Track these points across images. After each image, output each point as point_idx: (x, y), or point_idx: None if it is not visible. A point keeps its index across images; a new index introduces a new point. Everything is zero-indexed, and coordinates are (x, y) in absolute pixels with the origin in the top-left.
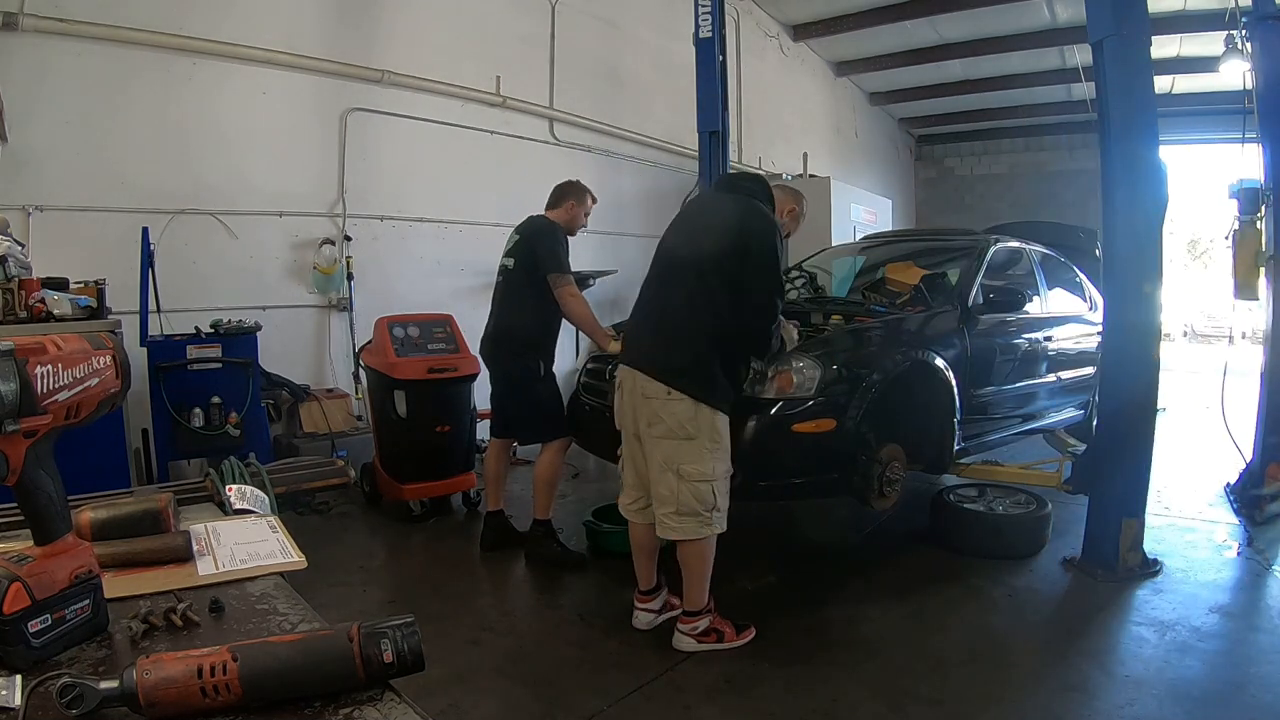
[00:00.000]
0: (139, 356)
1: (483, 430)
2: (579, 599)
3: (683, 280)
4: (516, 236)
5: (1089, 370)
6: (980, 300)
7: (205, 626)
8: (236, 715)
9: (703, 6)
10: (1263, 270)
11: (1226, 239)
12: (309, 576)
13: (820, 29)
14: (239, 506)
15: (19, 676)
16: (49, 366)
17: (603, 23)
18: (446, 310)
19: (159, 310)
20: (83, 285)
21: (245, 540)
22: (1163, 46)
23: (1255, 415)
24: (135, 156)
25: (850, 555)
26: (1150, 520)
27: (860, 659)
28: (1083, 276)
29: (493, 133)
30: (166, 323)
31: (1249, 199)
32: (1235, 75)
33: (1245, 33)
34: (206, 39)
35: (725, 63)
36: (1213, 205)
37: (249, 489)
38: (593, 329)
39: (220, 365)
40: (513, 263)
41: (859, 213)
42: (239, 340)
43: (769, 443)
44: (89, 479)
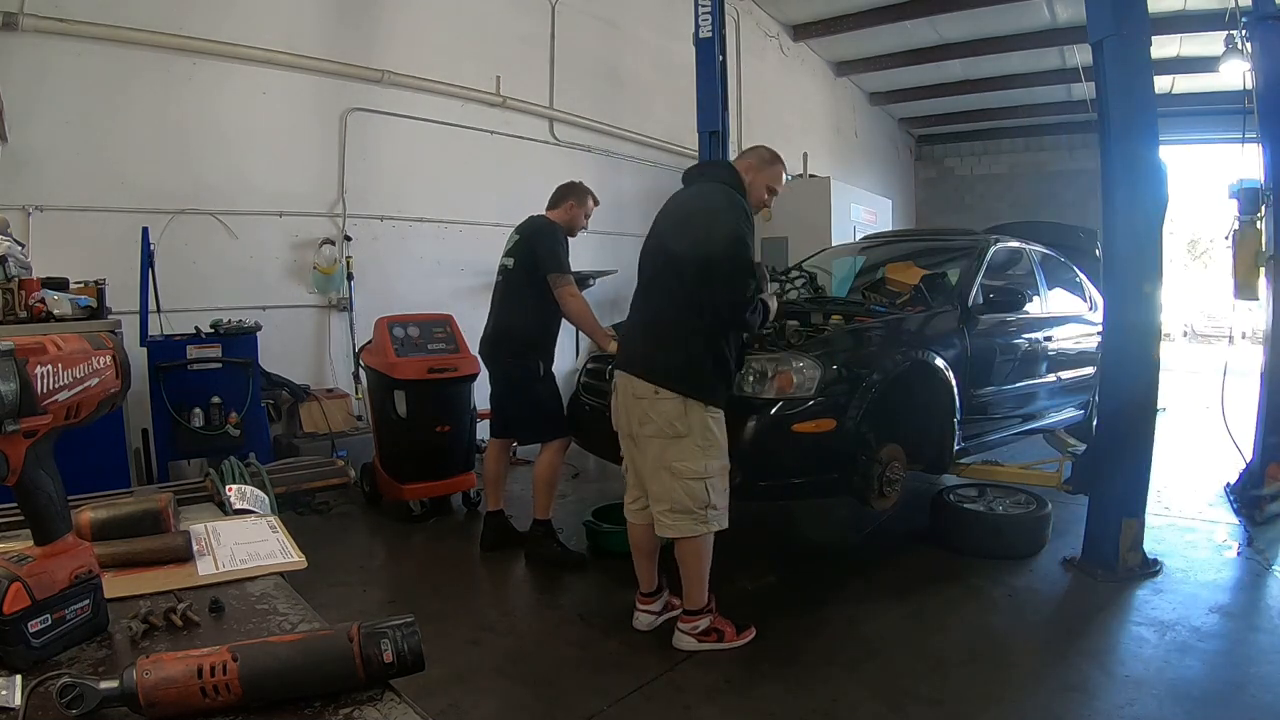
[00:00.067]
0: (139, 356)
1: (483, 430)
2: (579, 599)
3: (663, 281)
4: (516, 236)
5: (1089, 370)
6: (980, 300)
7: (205, 626)
8: (236, 715)
9: (703, 6)
10: (1263, 270)
11: (1226, 239)
12: (309, 576)
13: (820, 29)
14: (239, 506)
15: (19, 676)
16: (49, 366)
17: (603, 23)
18: (446, 310)
19: (159, 310)
20: (83, 285)
21: (245, 540)
22: (1163, 46)
23: (1255, 415)
24: (135, 156)
25: (850, 555)
26: (1150, 520)
27: (860, 659)
28: (1083, 276)
29: (493, 133)
30: (166, 323)
31: (1249, 199)
32: (1235, 75)
33: (1245, 33)
34: (206, 39)
35: (725, 63)
36: (1213, 205)
37: (249, 489)
38: (593, 329)
39: (220, 365)
40: (512, 262)
41: (859, 213)
42: (239, 340)
43: (769, 443)
44: (89, 479)
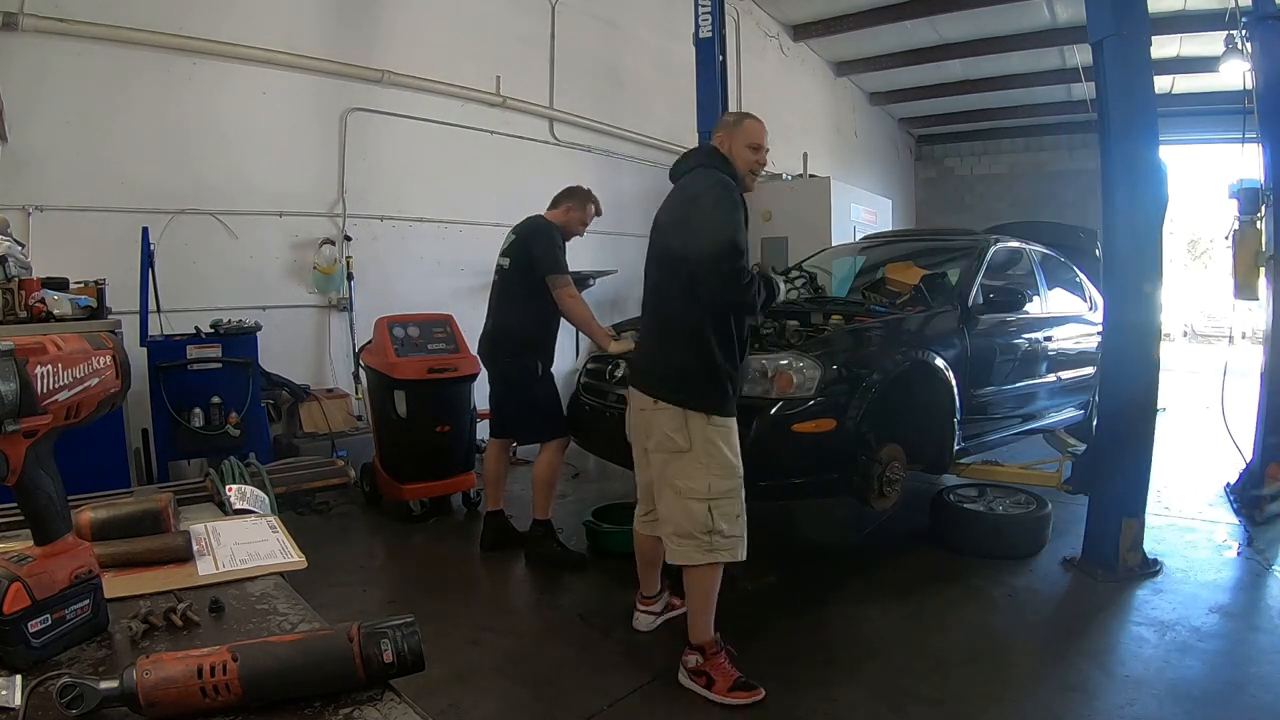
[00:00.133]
0: (139, 356)
1: (483, 430)
2: (579, 599)
3: (659, 283)
4: (512, 236)
5: (1089, 370)
6: (980, 300)
7: (205, 626)
8: (236, 715)
9: (703, 6)
10: (1263, 270)
11: (1226, 239)
12: (309, 576)
13: (820, 29)
14: (239, 506)
15: (19, 676)
16: (49, 366)
17: (603, 23)
18: (446, 310)
19: (159, 310)
20: (83, 285)
21: (245, 540)
22: (1163, 46)
23: (1255, 415)
24: (135, 156)
25: (850, 555)
26: (1150, 520)
27: (860, 659)
28: (1083, 276)
29: (493, 133)
30: (166, 323)
31: (1249, 199)
32: (1235, 75)
33: (1245, 33)
34: (206, 39)
35: (725, 63)
36: (1213, 205)
37: (249, 489)
38: (592, 329)
39: (220, 365)
40: (508, 263)
41: (859, 213)
42: (239, 340)
43: (769, 443)
44: (89, 479)
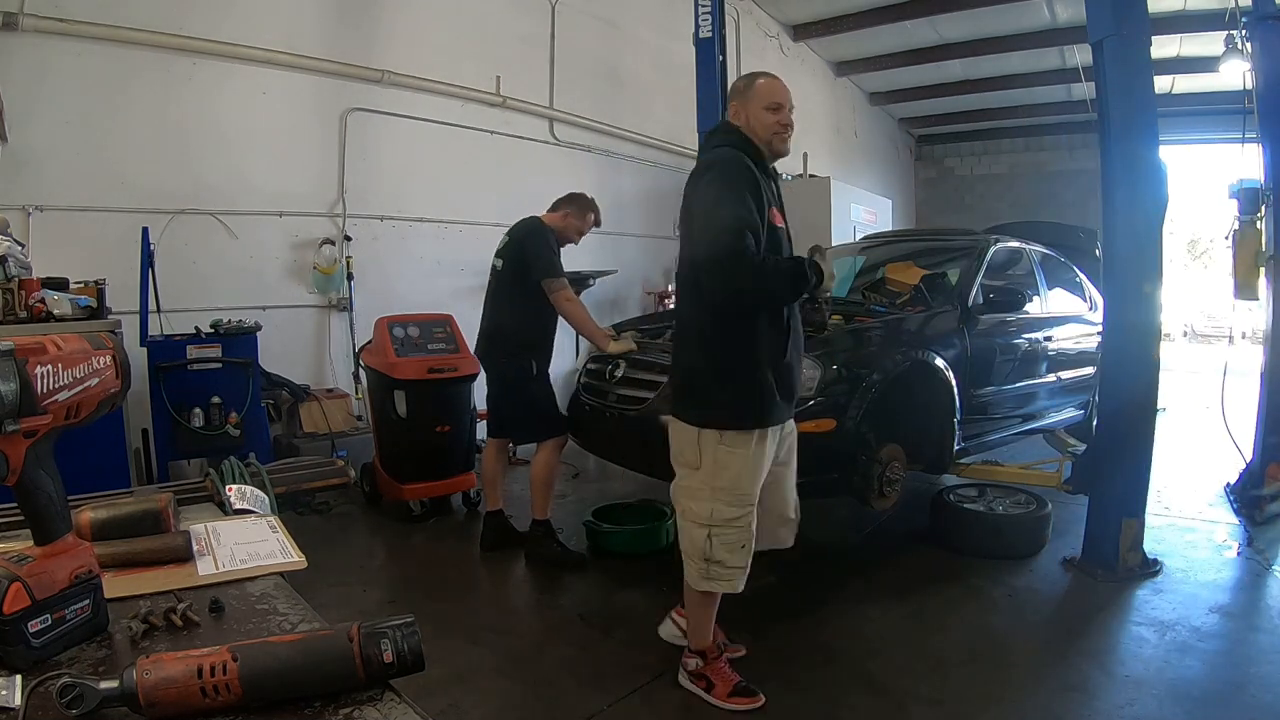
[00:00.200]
0: (139, 356)
1: (482, 430)
2: (579, 599)
3: (680, 284)
4: (507, 238)
5: (1089, 370)
6: (980, 300)
7: (205, 626)
8: (236, 715)
9: (703, 6)
10: (1263, 270)
11: (1226, 239)
12: (309, 576)
13: (820, 29)
14: (239, 506)
15: (19, 676)
16: (49, 366)
17: (603, 23)
18: (446, 310)
19: (159, 310)
20: (83, 285)
21: (245, 540)
22: (1163, 46)
23: (1255, 415)
24: (135, 156)
25: (850, 555)
26: (1150, 520)
27: (860, 659)
28: (1083, 276)
29: (493, 133)
30: (166, 323)
31: (1249, 199)
32: (1235, 75)
33: (1245, 33)
34: (206, 39)
35: (725, 63)
36: (1213, 205)
37: (249, 489)
38: (590, 331)
39: (220, 365)
40: (502, 264)
41: (859, 213)
42: (239, 340)
43: None
44: (89, 479)
